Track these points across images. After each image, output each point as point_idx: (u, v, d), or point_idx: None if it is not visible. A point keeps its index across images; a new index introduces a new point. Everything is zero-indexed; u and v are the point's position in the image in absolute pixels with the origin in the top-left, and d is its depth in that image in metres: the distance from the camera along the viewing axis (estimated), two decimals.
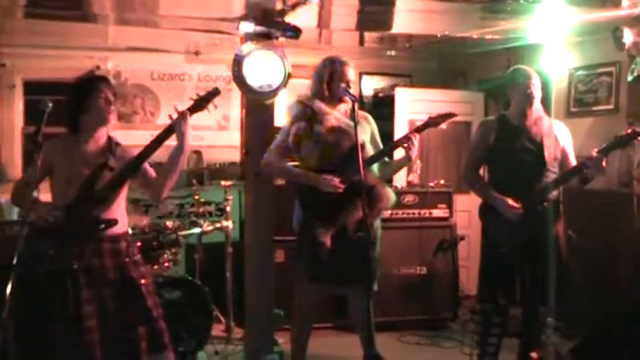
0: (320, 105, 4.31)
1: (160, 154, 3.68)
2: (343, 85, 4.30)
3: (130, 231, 4.16)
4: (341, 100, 4.33)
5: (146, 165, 3.71)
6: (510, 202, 4.31)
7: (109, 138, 3.69)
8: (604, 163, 4.22)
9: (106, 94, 3.58)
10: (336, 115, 4.31)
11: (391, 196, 4.38)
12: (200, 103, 3.77)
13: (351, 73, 4.38)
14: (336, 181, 4.18)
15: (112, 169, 3.55)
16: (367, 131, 4.41)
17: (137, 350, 3.51)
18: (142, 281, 3.60)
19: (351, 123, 4.09)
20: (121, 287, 3.53)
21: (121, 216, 3.63)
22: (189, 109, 3.74)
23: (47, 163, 3.53)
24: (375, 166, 4.40)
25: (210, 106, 3.83)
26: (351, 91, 4.27)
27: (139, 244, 4.55)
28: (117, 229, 3.58)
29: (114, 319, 3.49)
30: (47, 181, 3.64)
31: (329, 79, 4.34)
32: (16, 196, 3.65)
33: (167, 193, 3.80)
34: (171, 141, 3.73)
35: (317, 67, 4.45)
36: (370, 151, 4.37)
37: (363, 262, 3.92)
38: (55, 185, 3.62)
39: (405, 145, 4.30)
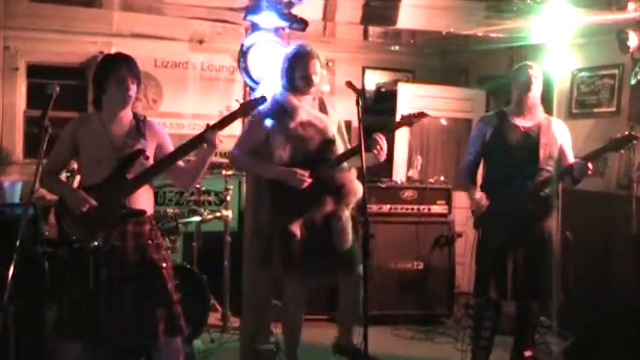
0: (290, 99, 4.26)
1: None
2: (306, 78, 4.22)
3: None
4: (303, 92, 4.29)
5: None
6: (478, 195, 4.43)
7: (135, 116, 3.67)
8: (589, 167, 4.26)
9: (122, 76, 3.53)
10: (307, 109, 4.27)
11: (359, 190, 4.32)
12: (246, 109, 3.76)
13: (315, 65, 4.27)
14: (306, 175, 4.16)
15: (147, 157, 3.56)
16: (335, 122, 4.39)
17: (156, 331, 3.54)
18: (163, 265, 3.64)
19: (322, 116, 4.21)
20: (142, 269, 3.56)
21: (146, 200, 3.65)
22: (234, 112, 3.73)
23: (73, 145, 3.58)
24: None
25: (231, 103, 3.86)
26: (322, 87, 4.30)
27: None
28: None
29: (134, 300, 3.52)
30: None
31: (291, 72, 4.28)
32: (45, 185, 3.64)
33: (195, 183, 3.93)
34: None
35: (283, 58, 4.38)
36: (340, 143, 4.35)
37: (333, 254, 4.08)
38: (83, 166, 3.64)
39: (373, 147, 4.20)
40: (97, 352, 3.62)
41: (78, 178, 4.16)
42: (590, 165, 4.28)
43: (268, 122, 4.24)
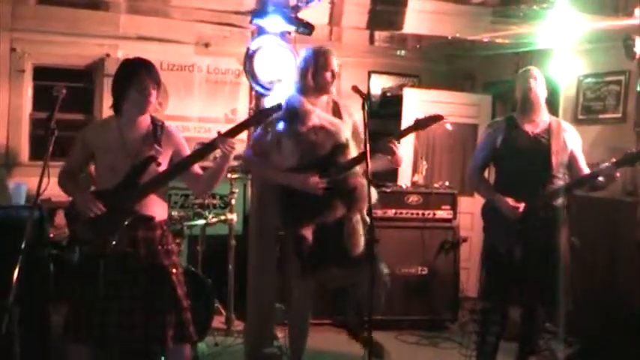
0: (302, 102, 4.26)
1: None
2: (329, 74, 4.27)
3: None
4: (325, 91, 4.31)
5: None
6: (511, 202, 4.33)
7: (153, 122, 3.66)
8: (617, 175, 4.24)
9: (144, 84, 3.52)
10: (319, 114, 4.27)
11: (373, 195, 4.33)
12: (260, 117, 3.76)
13: (334, 63, 4.32)
14: (318, 181, 4.18)
15: (159, 164, 3.54)
16: (350, 126, 4.37)
17: (164, 336, 3.53)
18: (173, 270, 3.63)
19: (335, 120, 4.18)
20: (152, 274, 3.55)
21: (158, 206, 3.64)
22: (247, 121, 3.76)
23: (88, 150, 3.61)
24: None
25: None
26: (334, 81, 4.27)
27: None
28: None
29: (144, 305, 3.52)
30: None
31: (314, 71, 4.29)
32: (62, 186, 3.64)
33: (210, 191, 3.86)
34: None
35: (299, 61, 4.42)
36: (353, 147, 4.34)
37: (345, 255, 4.06)
38: (99, 171, 3.65)
39: (388, 154, 4.22)
40: (105, 356, 3.61)
41: None
42: (618, 173, 4.25)
43: (280, 125, 4.25)
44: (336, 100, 4.37)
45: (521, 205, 4.31)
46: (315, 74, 4.28)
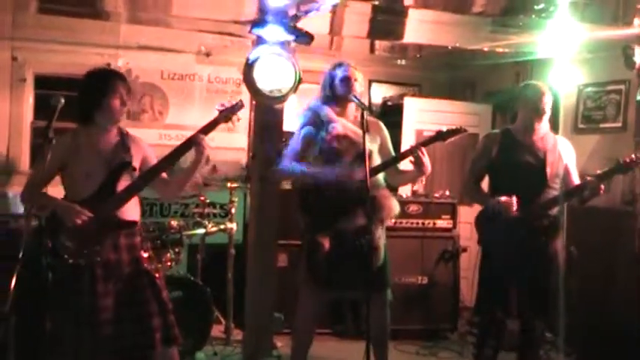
0: (328, 112, 4.36)
1: None
2: (343, 81, 4.35)
3: None
4: (344, 98, 4.36)
5: None
6: (503, 198, 4.32)
7: (120, 130, 3.72)
8: (602, 188, 4.25)
9: (121, 95, 3.60)
10: (344, 123, 4.34)
11: (395, 206, 4.40)
12: (226, 115, 3.77)
13: (357, 74, 4.41)
14: (350, 174, 4.18)
15: (134, 169, 3.59)
16: (376, 140, 4.41)
17: (152, 341, 3.55)
18: (156, 275, 3.67)
19: (359, 131, 4.12)
20: (137, 280, 3.58)
21: (135, 211, 3.68)
22: (215, 120, 3.76)
23: (60, 160, 3.56)
24: (382, 175, 4.40)
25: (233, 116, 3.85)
26: (359, 96, 4.26)
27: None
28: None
29: (130, 311, 3.53)
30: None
31: (332, 81, 4.41)
32: (33, 201, 3.63)
33: (180, 193, 3.94)
34: None
35: (324, 74, 4.52)
36: (378, 160, 4.38)
37: (361, 268, 3.95)
38: (70, 181, 3.64)
39: (413, 160, 4.24)
40: None
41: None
42: (602, 186, 4.26)
43: (308, 133, 4.35)
44: (368, 119, 4.38)
45: (514, 200, 4.30)
46: (332, 83, 4.41)
